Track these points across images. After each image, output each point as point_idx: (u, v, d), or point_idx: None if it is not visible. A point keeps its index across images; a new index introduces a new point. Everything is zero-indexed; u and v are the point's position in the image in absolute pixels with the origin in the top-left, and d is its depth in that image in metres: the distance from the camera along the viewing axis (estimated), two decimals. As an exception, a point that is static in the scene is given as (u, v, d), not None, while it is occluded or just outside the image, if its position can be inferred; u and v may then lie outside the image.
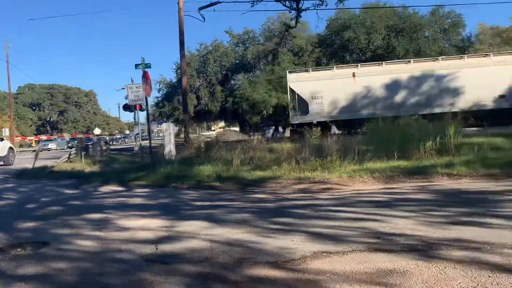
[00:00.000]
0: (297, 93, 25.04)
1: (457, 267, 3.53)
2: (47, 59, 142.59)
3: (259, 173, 10.76)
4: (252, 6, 9.73)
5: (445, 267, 3.54)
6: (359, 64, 25.85)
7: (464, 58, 23.91)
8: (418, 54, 33.02)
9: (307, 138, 15.04)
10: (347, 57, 37.20)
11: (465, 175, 9.06)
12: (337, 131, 25.20)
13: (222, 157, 13.03)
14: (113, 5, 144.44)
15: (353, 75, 24.24)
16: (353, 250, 4.23)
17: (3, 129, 49.42)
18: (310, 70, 26.21)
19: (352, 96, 24.40)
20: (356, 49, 35.43)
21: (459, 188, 7.84)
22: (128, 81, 20.49)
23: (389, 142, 11.96)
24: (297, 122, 24.76)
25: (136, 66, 15.58)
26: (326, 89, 24.49)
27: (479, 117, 23.08)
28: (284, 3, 9.24)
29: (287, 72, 26.24)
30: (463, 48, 36.09)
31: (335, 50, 35.90)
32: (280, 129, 44.77)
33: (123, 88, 52.24)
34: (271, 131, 48.51)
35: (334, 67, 26.24)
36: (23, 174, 15.06)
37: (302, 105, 25.07)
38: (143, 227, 5.84)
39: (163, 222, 6.12)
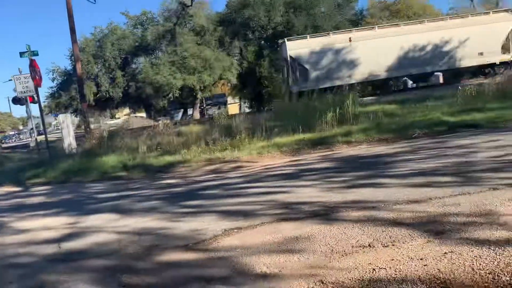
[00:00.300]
0: (297, 61, 24.77)
1: (355, 226, 3.79)
2: None
3: (168, 158, 10.56)
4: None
5: (344, 228, 3.79)
6: (354, 29, 26.79)
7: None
8: (316, 29, 34.38)
9: (216, 119, 15.04)
10: (249, 35, 37.55)
11: (363, 141, 9.74)
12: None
13: (128, 145, 12.55)
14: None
15: (350, 39, 24.75)
16: (262, 223, 4.34)
17: None
18: (308, 37, 26.03)
19: (349, 60, 24.88)
20: (258, 27, 35.85)
21: (357, 154, 8.41)
22: (15, 72, 18.66)
23: (294, 116, 12.42)
24: (297, 90, 24.44)
25: (21, 54, 14.13)
26: (324, 55, 24.69)
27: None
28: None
29: (285, 40, 25.72)
30: (356, 22, 38.32)
31: (237, 28, 35.98)
32: (189, 111, 44.25)
33: (10, 80, 47.56)
34: (180, 114, 47.79)
35: (330, 33, 26.39)
36: None
37: (302, 73, 24.92)
38: (44, 227, 5.44)
39: (66, 219, 5.76)
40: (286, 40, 25.84)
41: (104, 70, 36.88)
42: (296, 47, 25.29)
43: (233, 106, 56.91)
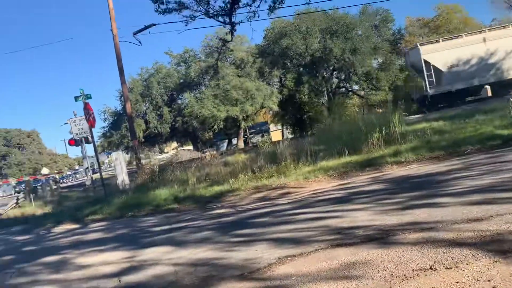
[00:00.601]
0: (431, 64, 25.18)
1: (414, 249, 3.66)
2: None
3: (217, 188, 10.72)
4: (186, 25, 9.76)
5: (403, 251, 3.67)
6: (487, 29, 26.71)
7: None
8: (354, 52, 34.30)
9: (261, 147, 15.18)
10: (288, 63, 38.03)
11: (413, 161, 9.47)
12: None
13: (178, 178, 12.88)
14: (46, 38, 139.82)
15: (484, 40, 24.76)
16: (316, 250, 4.28)
17: None
18: (441, 40, 26.54)
19: (482, 60, 24.84)
20: (295, 55, 36.26)
21: (408, 174, 8.17)
22: (71, 116, 19.83)
23: (338, 139, 12.32)
24: (433, 92, 24.79)
25: (76, 98, 15.07)
26: (458, 56, 24.92)
27: None
28: (217, 19, 9.33)
29: (418, 45, 26.39)
30: (395, 42, 37.93)
31: (275, 58, 36.56)
32: (234, 141, 44.90)
33: (66, 123, 50.47)
34: (225, 144, 48.55)
35: (463, 34, 26.63)
36: (-33, 228, 14.10)
37: (437, 75, 25.28)
38: (103, 262, 5.63)
39: (123, 254, 5.93)
40: (418, 45, 26.21)
41: (152, 108, 38.43)
42: (429, 51, 25.54)
43: (276, 133, 57.17)
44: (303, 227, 5.40)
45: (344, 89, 41.53)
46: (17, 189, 48.59)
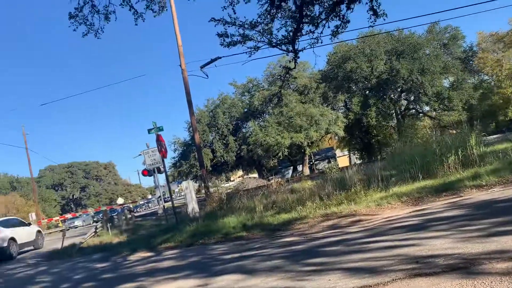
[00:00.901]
0: None
1: (503, 280, 3.34)
2: (63, 139, 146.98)
3: (284, 216, 10.63)
4: (249, 56, 10.03)
5: (491, 282, 3.36)
6: None
7: None
8: (423, 72, 33.19)
9: (328, 173, 14.94)
10: (353, 87, 37.59)
11: (495, 184, 8.79)
12: None
13: (245, 205, 12.96)
14: (119, 75, 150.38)
15: None
16: (393, 280, 4.06)
17: (30, 214, 50.19)
18: None
19: None
20: (361, 78, 35.80)
21: (490, 199, 7.58)
22: (143, 147, 20.89)
23: (411, 163, 11.79)
24: None
25: (149, 131, 15.93)
26: None
27: None
28: (280, 48, 9.50)
29: None
30: (467, 59, 36.20)
31: (339, 82, 36.34)
32: (299, 168, 44.67)
33: (140, 155, 53.20)
34: (290, 171, 48.43)
35: None
36: (53, 255, 15.09)
37: None
38: (176, 290, 5.74)
39: (196, 281, 6.01)
40: None
41: (218, 137, 39.55)
42: None
43: (343, 159, 56.12)
44: (377, 256, 5.16)
45: (414, 110, 40.07)
46: (95, 219, 51.64)
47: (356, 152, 49.82)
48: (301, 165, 43.56)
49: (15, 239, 18.15)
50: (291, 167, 46.90)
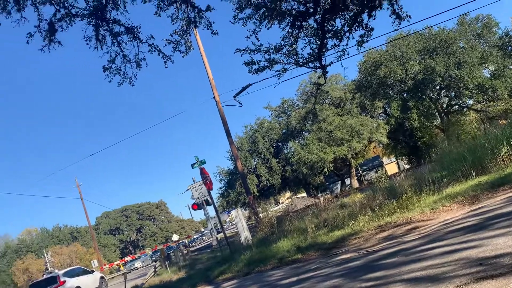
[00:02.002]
0: None
1: None
2: (114, 185, 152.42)
3: (337, 233, 10.43)
4: (279, 78, 10.12)
5: None
6: None
7: None
8: (460, 66, 32.17)
9: (376, 183, 14.60)
10: (389, 92, 36.88)
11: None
12: None
13: (296, 227, 12.84)
14: (158, 117, 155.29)
15: None
16: (457, 286, 3.88)
17: (92, 261, 51.95)
18: None
19: None
20: (396, 82, 35.12)
21: (554, 187, 7.14)
22: (190, 182, 21.32)
23: (461, 160, 11.34)
24: None
25: (192, 165, 16.29)
26: None
27: None
28: (308, 66, 9.53)
29: None
30: (505, 45, 34.75)
31: (375, 89, 35.78)
32: (347, 181, 43.83)
33: (187, 190, 54.24)
34: (338, 186, 47.59)
35: None
36: (117, 299, 15.53)
37: None
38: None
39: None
40: None
41: (261, 162, 39.72)
42: None
43: (391, 166, 54.61)
44: (438, 263, 4.95)
45: (457, 106, 38.59)
46: (153, 258, 52.63)
47: (403, 157, 48.41)
48: (348, 178, 42.74)
49: (81, 287, 18.81)
50: (339, 182, 46.10)
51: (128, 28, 8.72)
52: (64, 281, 17.96)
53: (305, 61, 9.51)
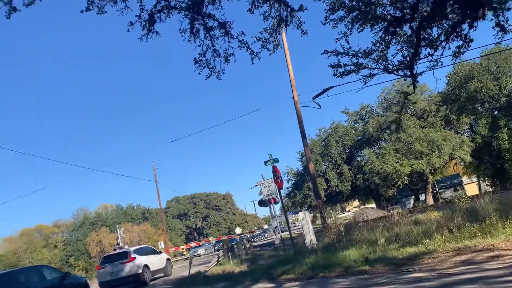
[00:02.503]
0: None
1: None
2: (187, 172, 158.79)
3: (409, 250, 9.98)
4: (364, 84, 9.88)
5: None
6: None
7: None
8: None
9: (456, 202, 13.76)
10: (478, 108, 34.52)
11: None
12: None
13: (365, 238, 12.48)
14: (233, 110, 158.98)
15: None
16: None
17: (159, 242, 54.64)
18: None
19: None
20: (487, 98, 32.79)
21: None
22: (258, 178, 21.60)
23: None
24: None
25: (265, 163, 16.46)
26: None
27: None
28: (397, 74, 9.19)
29: None
30: None
31: (462, 103, 33.67)
32: (421, 197, 41.77)
33: (256, 186, 54.94)
34: (411, 201, 45.52)
35: None
36: (181, 283, 16.13)
37: None
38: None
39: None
40: None
41: (332, 167, 39.11)
42: None
43: (471, 186, 51.17)
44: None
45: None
46: (216, 247, 54.08)
47: (486, 178, 45.06)
48: (423, 194, 40.72)
49: (149, 266, 19.83)
50: (413, 197, 44.09)
51: (221, 23, 9.01)
52: (134, 258, 19.06)
53: (394, 68, 9.19)
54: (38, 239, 74.66)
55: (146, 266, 19.53)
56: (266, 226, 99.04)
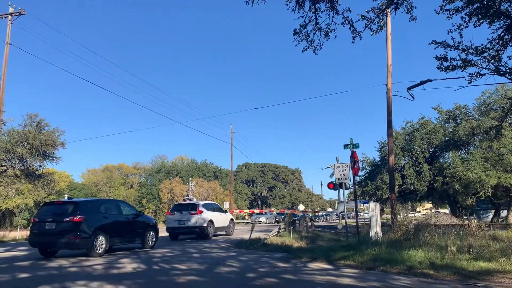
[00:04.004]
0: None
1: None
2: (261, 141, 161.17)
3: (482, 264, 9.44)
4: (469, 82, 9.21)
5: None
6: None
7: None
8: None
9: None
10: None
11: None
12: None
13: (435, 242, 11.98)
14: (318, 88, 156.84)
15: None
16: None
17: (225, 202, 56.77)
18: None
19: None
20: None
21: None
22: (330, 160, 21.26)
23: None
24: None
25: (345, 146, 16.20)
26: None
27: None
28: (509, 77, 8.40)
29: None
30: None
31: None
32: (503, 213, 38.77)
33: (328, 167, 54.41)
34: (490, 215, 42.41)
35: None
36: (241, 244, 16.76)
37: None
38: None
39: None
40: None
41: (411, 163, 37.47)
42: None
43: None
44: None
45: None
46: (277, 219, 54.98)
47: None
48: (506, 211, 37.73)
49: (213, 222, 20.80)
50: (493, 211, 41.01)
51: (329, -3, 8.83)
52: (202, 211, 20.08)
53: (508, 71, 8.44)
54: (118, 176, 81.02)
55: (211, 221, 20.50)
56: (330, 209, 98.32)
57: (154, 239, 15.73)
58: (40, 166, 27.14)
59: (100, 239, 12.79)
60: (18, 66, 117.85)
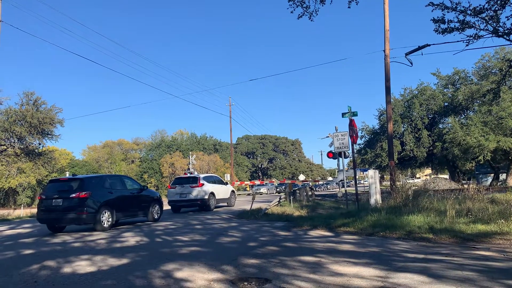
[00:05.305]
0: None
1: None
2: (260, 112, 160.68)
3: (480, 227, 9.56)
4: (467, 45, 9.04)
5: None
6: None
7: None
8: None
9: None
10: None
11: None
12: None
13: (434, 207, 12.10)
14: (317, 58, 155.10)
15: None
16: None
17: (225, 174, 57.10)
18: None
19: None
20: None
21: None
22: (330, 129, 21.29)
23: None
24: None
25: (343, 114, 16.13)
26: None
27: None
28: (508, 38, 8.23)
29: None
30: None
31: None
32: (502, 177, 39.07)
33: (327, 137, 54.44)
34: (489, 179, 42.77)
35: None
36: (242, 215, 16.95)
37: None
38: (356, 275, 5.80)
39: (375, 272, 5.96)
40: None
41: (410, 130, 37.47)
42: None
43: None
44: None
45: None
46: (278, 189, 55.49)
47: None
48: (505, 174, 38.00)
49: (214, 194, 20.98)
50: (492, 174, 41.33)
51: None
52: (203, 184, 20.22)
53: (506, 31, 8.28)
54: (118, 152, 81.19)
55: (212, 193, 20.68)
56: (330, 178, 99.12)
57: (159, 212, 15.97)
58: (40, 144, 27.19)
59: (106, 213, 12.97)
60: (10, 44, 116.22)
